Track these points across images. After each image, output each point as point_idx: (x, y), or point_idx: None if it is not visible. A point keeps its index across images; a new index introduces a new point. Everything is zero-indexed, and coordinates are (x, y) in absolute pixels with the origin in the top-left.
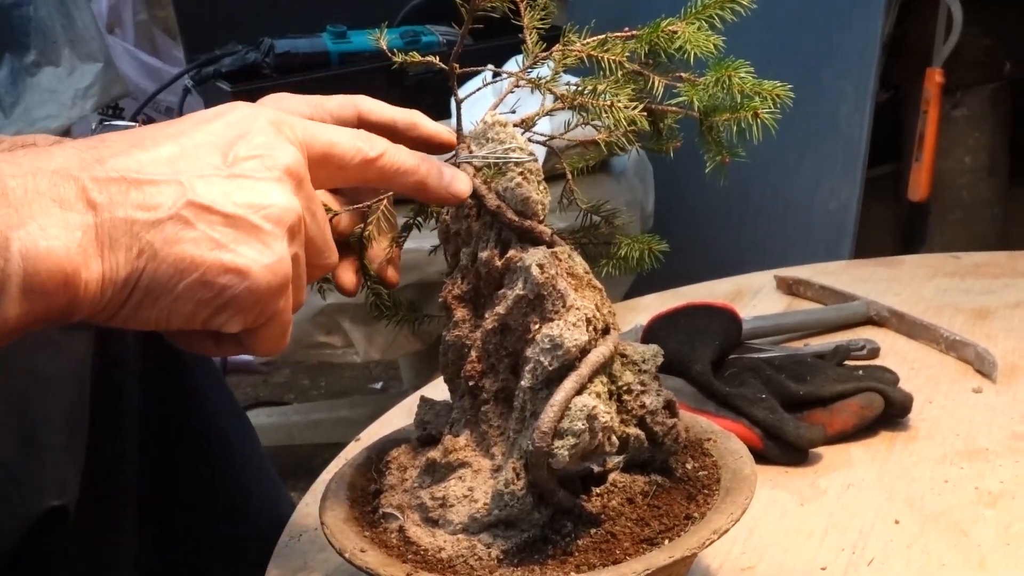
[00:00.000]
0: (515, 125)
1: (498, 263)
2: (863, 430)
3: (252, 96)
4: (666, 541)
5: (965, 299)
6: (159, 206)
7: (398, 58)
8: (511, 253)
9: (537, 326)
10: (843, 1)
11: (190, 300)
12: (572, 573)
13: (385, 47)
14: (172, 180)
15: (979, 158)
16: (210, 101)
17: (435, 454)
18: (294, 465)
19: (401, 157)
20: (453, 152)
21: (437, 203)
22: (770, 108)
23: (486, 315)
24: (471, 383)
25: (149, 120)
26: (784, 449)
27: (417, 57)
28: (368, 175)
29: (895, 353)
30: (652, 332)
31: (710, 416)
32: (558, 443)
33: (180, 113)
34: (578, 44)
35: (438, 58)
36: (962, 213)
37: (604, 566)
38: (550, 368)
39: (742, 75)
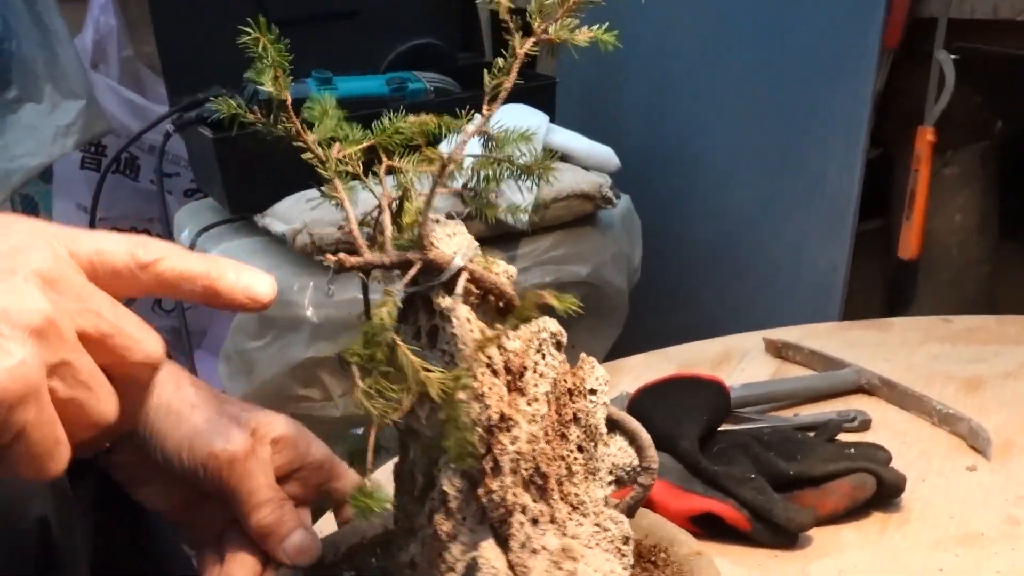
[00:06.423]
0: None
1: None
2: (855, 511)
3: (235, 142)
4: None
5: (956, 367)
6: None
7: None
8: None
9: (571, 380)
10: (834, 56)
11: None
12: None
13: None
14: None
15: (969, 217)
16: (192, 145)
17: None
18: None
19: (185, 262)
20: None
21: (233, 310)
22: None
23: (539, 406)
24: (546, 477)
25: (133, 158)
26: (773, 531)
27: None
28: (146, 283)
29: (886, 426)
30: (638, 404)
31: (697, 496)
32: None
33: (162, 155)
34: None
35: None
36: (951, 272)
37: None
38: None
39: None
